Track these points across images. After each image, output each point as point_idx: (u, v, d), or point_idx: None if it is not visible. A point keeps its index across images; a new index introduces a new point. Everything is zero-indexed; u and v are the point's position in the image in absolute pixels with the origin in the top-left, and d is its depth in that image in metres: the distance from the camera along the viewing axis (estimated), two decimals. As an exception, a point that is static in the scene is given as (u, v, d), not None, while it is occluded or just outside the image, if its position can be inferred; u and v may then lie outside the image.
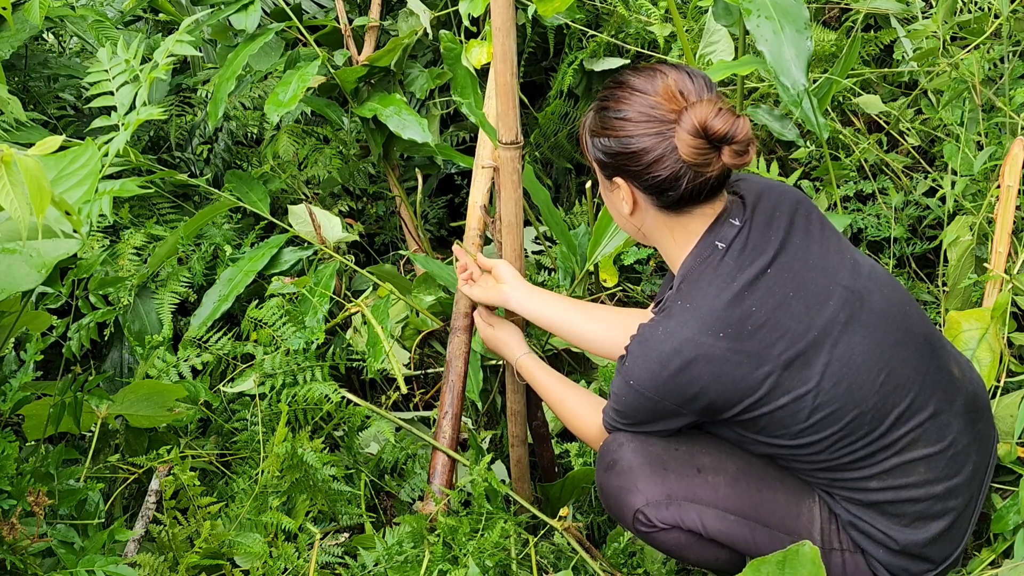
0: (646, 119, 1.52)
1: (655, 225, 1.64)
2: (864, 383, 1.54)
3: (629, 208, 1.63)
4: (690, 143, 1.49)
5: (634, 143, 1.53)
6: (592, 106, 1.65)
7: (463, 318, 2.07)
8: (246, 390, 2.19)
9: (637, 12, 2.74)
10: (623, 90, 1.57)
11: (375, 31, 2.75)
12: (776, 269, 1.55)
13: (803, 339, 1.52)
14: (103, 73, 1.81)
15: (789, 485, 1.66)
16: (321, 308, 2.30)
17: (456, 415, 2.04)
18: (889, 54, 2.87)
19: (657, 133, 1.52)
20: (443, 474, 1.98)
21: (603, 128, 1.58)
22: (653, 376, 1.55)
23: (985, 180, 2.32)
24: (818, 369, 1.53)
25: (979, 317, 1.98)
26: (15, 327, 1.74)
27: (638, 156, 1.53)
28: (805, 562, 1.28)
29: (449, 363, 2.07)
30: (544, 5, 2.31)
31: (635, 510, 1.64)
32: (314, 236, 2.53)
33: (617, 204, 1.66)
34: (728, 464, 1.67)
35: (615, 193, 1.64)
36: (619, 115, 1.55)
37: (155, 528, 1.90)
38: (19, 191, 1.16)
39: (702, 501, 1.63)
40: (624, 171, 1.57)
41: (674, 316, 1.55)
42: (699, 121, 1.48)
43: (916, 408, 1.58)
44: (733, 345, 1.51)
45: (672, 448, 1.67)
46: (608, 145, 1.57)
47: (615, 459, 1.69)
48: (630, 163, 1.55)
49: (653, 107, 1.53)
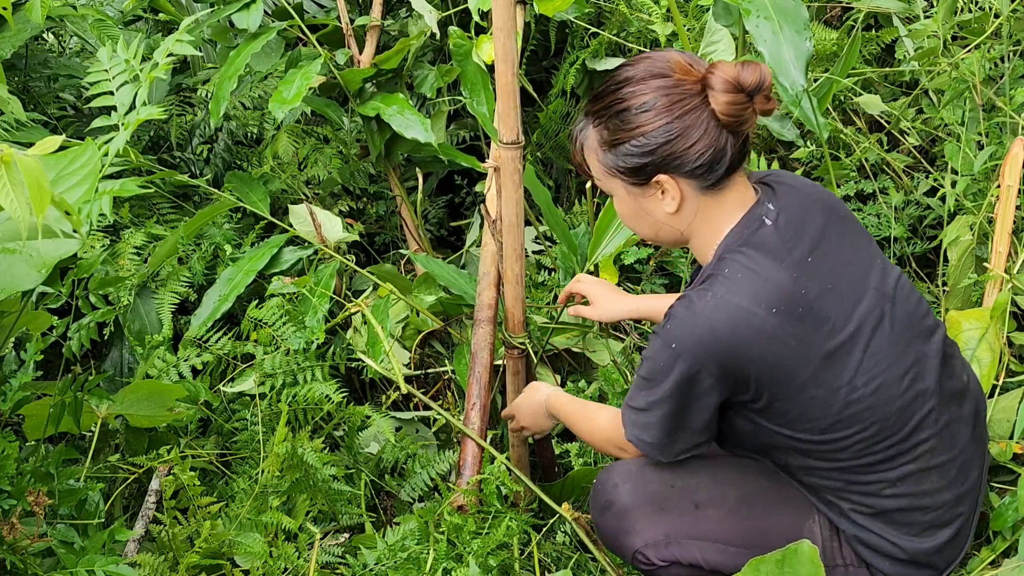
0: (677, 98, 1.45)
1: (696, 214, 1.55)
2: (891, 385, 1.52)
3: (675, 206, 1.53)
4: (728, 101, 1.43)
5: (675, 127, 1.45)
6: (586, 123, 1.57)
7: (487, 309, 2.09)
8: (246, 390, 2.19)
9: (639, 11, 2.74)
10: (632, 85, 1.49)
11: (376, 30, 2.75)
12: (816, 257, 1.52)
13: (843, 331, 1.49)
14: (103, 73, 1.81)
15: (789, 507, 1.64)
16: (321, 308, 2.30)
17: (484, 406, 2.05)
18: (890, 53, 2.87)
19: (692, 108, 1.45)
20: (474, 465, 1.98)
21: (627, 130, 1.49)
22: (699, 341, 1.47)
23: (985, 180, 2.32)
24: (853, 365, 1.50)
25: (979, 317, 1.98)
26: (15, 327, 1.74)
27: (682, 139, 1.46)
28: (804, 561, 1.28)
29: (475, 354, 2.09)
30: (544, 4, 2.31)
31: (634, 551, 1.63)
32: (314, 236, 2.53)
33: (656, 210, 1.56)
34: (728, 494, 1.65)
35: (652, 198, 1.55)
36: (643, 109, 1.47)
37: (155, 528, 1.90)
38: (19, 191, 1.16)
39: (702, 536, 1.62)
40: (668, 165, 1.49)
41: (723, 284, 1.48)
42: (731, 77, 1.43)
43: (934, 415, 1.57)
44: (783, 324, 1.46)
45: (668, 486, 1.65)
46: (642, 144, 1.48)
47: (611, 500, 1.67)
48: (675, 151, 1.47)
49: (676, 85, 1.46)
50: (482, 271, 2.22)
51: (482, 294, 2.16)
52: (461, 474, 1.98)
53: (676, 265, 2.80)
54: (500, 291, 2.10)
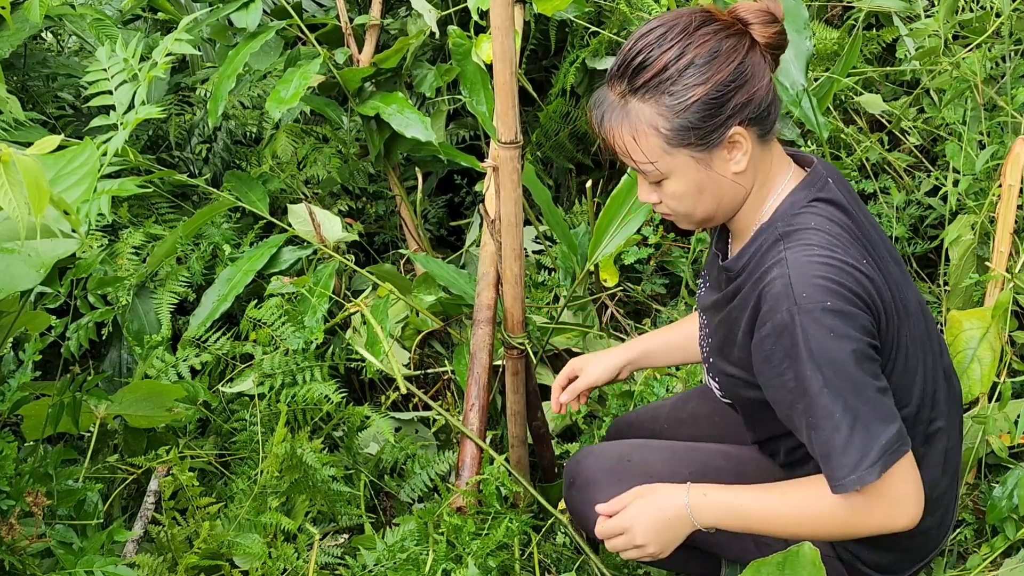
0: (734, 41, 1.39)
1: (758, 168, 1.47)
2: (918, 366, 1.51)
3: (746, 161, 1.44)
4: (772, 31, 1.41)
5: (744, 68, 1.39)
6: (628, 101, 1.42)
7: (486, 310, 2.09)
8: (245, 390, 2.18)
9: (639, 9, 2.73)
10: (679, 41, 1.39)
11: (376, 29, 2.75)
12: (863, 227, 1.50)
13: (899, 300, 1.47)
14: (102, 72, 1.80)
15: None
16: (320, 308, 2.30)
17: (484, 406, 2.05)
18: (891, 53, 2.87)
19: (748, 47, 1.40)
20: (473, 466, 1.98)
21: (698, 85, 1.38)
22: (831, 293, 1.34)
23: (987, 179, 2.31)
24: (904, 337, 1.47)
25: (980, 316, 1.97)
26: (14, 327, 1.74)
27: (753, 79, 1.39)
28: (805, 563, 1.28)
29: (474, 355, 2.08)
30: (544, 3, 2.31)
31: (595, 520, 1.63)
32: (313, 236, 2.53)
33: (725, 171, 1.45)
34: (681, 470, 1.66)
35: (721, 158, 1.43)
36: (709, 57, 1.37)
37: (154, 529, 1.89)
38: (18, 190, 1.16)
39: None
40: (742, 111, 1.40)
41: (816, 239, 1.39)
42: (763, 8, 1.42)
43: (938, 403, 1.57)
44: (877, 274, 1.42)
45: (625, 460, 1.71)
46: (718, 95, 1.38)
47: (574, 476, 1.75)
48: (749, 94, 1.39)
49: (725, 27, 1.40)
50: (481, 271, 2.22)
51: (481, 294, 2.16)
52: (460, 475, 1.97)
53: (676, 265, 2.79)
54: (499, 291, 2.10)
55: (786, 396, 1.39)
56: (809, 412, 1.36)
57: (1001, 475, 1.92)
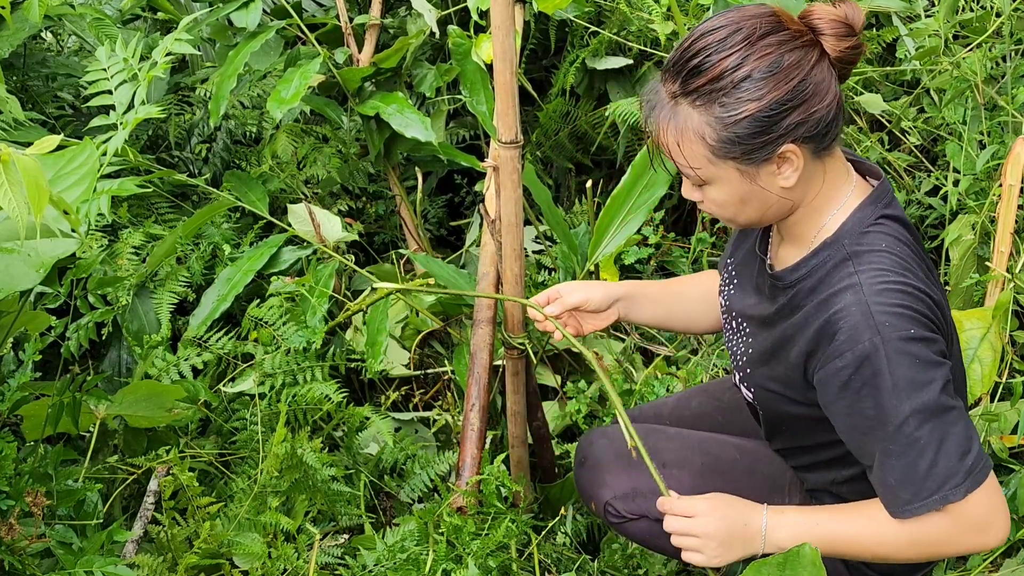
0: (801, 54, 1.30)
1: (810, 182, 1.40)
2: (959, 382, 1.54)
3: (796, 177, 1.37)
4: (846, 45, 1.32)
5: (807, 85, 1.30)
6: (680, 103, 1.35)
7: (486, 309, 2.08)
8: (246, 390, 2.18)
9: (639, 9, 2.73)
10: (741, 49, 1.30)
11: (376, 29, 2.75)
12: (920, 243, 1.48)
13: (950, 318, 1.48)
14: (101, 72, 1.80)
15: (756, 480, 1.67)
16: (320, 308, 2.30)
17: (484, 407, 2.04)
18: (891, 52, 2.86)
19: (816, 61, 1.31)
20: (473, 466, 1.98)
21: (751, 101, 1.30)
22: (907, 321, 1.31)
23: (987, 179, 2.31)
24: (954, 355, 1.49)
25: (981, 316, 1.97)
26: (13, 327, 1.74)
27: (816, 97, 1.31)
28: (806, 563, 1.28)
29: (474, 355, 2.08)
30: (544, 2, 2.31)
31: (604, 502, 1.72)
32: (313, 235, 2.53)
33: (771, 186, 1.38)
34: (694, 459, 1.71)
35: (769, 174, 1.37)
36: (768, 71, 1.29)
37: (154, 529, 1.89)
38: (17, 190, 1.16)
39: None
40: (797, 130, 1.32)
41: (888, 262, 1.35)
42: (841, 18, 1.32)
43: None
44: (939, 295, 1.40)
45: None
46: (774, 113, 1.30)
47: (585, 455, 1.80)
48: (808, 112, 1.31)
49: (793, 37, 1.31)
50: (481, 271, 2.22)
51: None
52: (460, 475, 1.97)
53: (676, 265, 2.79)
54: (500, 291, 2.09)
55: (862, 423, 1.36)
56: (890, 440, 1.33)
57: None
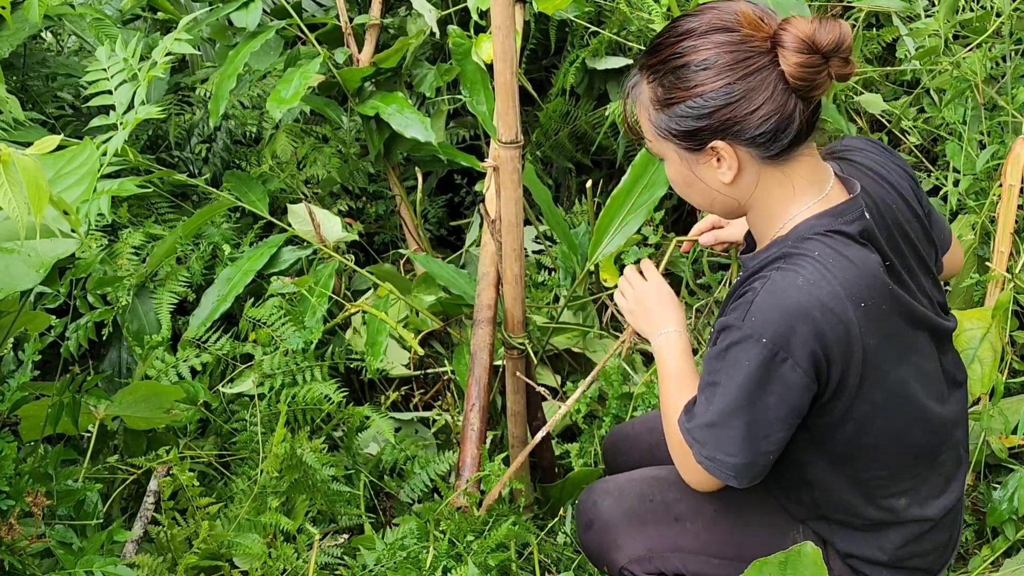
0: (742, 56, 1.31)
1: (760, 185, 1.41)
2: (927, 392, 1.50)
3: (732, 175, 1.39)
4: (801, 62, 1.29)
5: (736, 89, 1.31)
6: (639, 77, 1.42)
7: (486, 310, 2.08)
8: (245, 391, 2.18)
9: (639, 9, 2.73)
10: (693, 38, 1.34)
11: (376, 29, 2.75)
12: (895, 254, 1.44)
13: (906, 333, 1.43)
14: (101, 72, 1.80)
15: (768, 518, 1.62)
16: (320, 308, 2.30)
17: (484, 407, 2.04)
18: (891, 52, 2.86)
19: (758, 69, 1.31)
20: (473, 466, 1.98)
21: (684, 89, 1.34)
22: (789, 326, 1.32)
23: (987, 179, 2.31)
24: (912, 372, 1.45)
25: (981, 316, 1.97)
26: (13, 327, 1.74)
27: (744, 102, 1.32)
28: (807, 563, 1.28)
29: (474, 355, 2.08)
30: (544, 3, 2.31)
31: (620, 567, 1.64)
32: (313, 235, 2.53)
33: (711, 178, 1.42)
34: (705, 507, 1.64)
35: (707, 165, 1.41)
36: (703, 66, 1.32)
37: (154, 529, 1.89)
38: (17, 190, 1.16)
39: (683, 549, 1.61)
40: (726, 130, 1.34)
41: (814, 267, 1.34)
42: (806, 35, 1.29)
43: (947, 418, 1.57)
44: (869, 318, 1.36)
45: (647, 500, 1.66)
46: (698, 106, 1.34)
47: (591, 519, 1.68)
48: (735, 116, 1.33)
49: (743, 41, 1.32)
50: (481, 271, 2.22)
51: (481, 294, 2.15)
52: (460, 475, 1.97)
53: (677, 265, 2.79)
54: (500, 291, 2.10)
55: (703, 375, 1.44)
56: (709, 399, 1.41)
57: (1001, 476, 1.92)
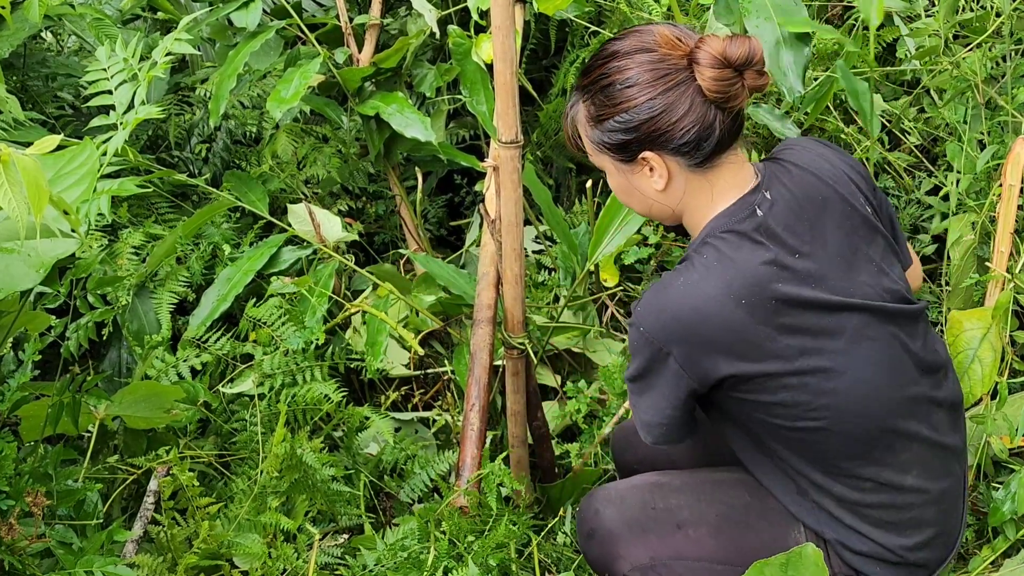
0: (661, 73, 1.44)
1: (687, 191, 1.53)
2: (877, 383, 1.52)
3: (663, 183, 1.52)
4: (715, 76, 1.42)
5: (658, 103, 1.44)
6: (577, 97, 1.57)
7: (486, 310, 2.08)
8: (245, 391, 2.18)
9: (639, 9, 2.73)
10: (618, 59, 1.48)
11: (376, 29, 2.75)
12: (805, 252, 1.48)
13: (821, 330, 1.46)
14: (101, 72, 1.80)
15: (770, 521, 1.62)
16: (320, 308, 2.30)
17: (484, 407, 2.04)
18: (891, 52, 2.86)
19: (677, 84, 1.44)
20: (473, 466, 1.98)
21: (612, 106, 1.48)
22: (664, 326, 1.45)
23: (987, 179, 2.31)
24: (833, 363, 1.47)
25: (981, 316, 1.97)
26: (13, 327, 1.74)
27: (666, 115, 1.45)
28: (808, 563, 1.28)
29: (474, 355, 2.08)
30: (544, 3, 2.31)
31: (621, 571, 1.64)
32: (313, 235, 2.53)
33: (645, 187, 1.56)
34: (708, 513, 1.64)
35: (641, 174, 1.54)
36: (627, 84, 1.46)
37: (154, 529, 1.89)
38: (17, 190, 1.16)
39: (687, 557, 1.61)
40: (653, 141, 1.48)
41: (696, 270, 1.46)
42: (718, 52, 1.41)
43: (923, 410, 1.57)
44: (750, 317, 1.43)
45: (650, 508, 1.66)
46: (626, 120, 1.47)
47: (593, 528, 1.68)
48: (659, 128, 1.46)
49: (662, 60, 1.45)
50: (481, 271, 2.22)
51: (481, 294, 2.15)
52: (460, 475, 1.97)
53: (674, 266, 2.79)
54: (500, 291, 2.10)
55: None
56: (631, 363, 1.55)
57: (1002, 476, 1.92)
